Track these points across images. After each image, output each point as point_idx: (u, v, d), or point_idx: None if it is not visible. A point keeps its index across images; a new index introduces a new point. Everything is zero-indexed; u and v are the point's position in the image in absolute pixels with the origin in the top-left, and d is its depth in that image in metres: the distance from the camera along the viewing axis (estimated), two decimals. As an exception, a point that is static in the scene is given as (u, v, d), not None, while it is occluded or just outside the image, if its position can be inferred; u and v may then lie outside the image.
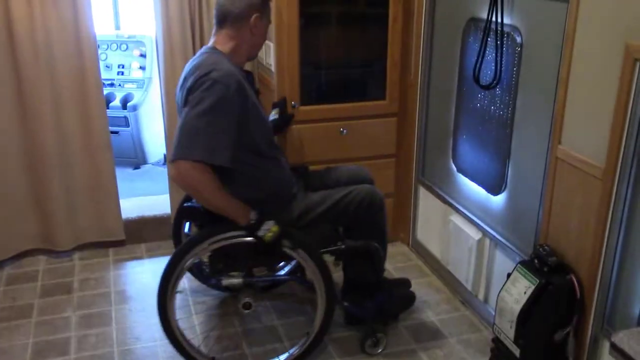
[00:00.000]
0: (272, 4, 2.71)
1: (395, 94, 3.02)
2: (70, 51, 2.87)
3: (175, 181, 2.07)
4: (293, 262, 2.55)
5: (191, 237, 2.25)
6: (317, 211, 2.32)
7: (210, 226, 2.20)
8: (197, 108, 2.02)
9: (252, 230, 2.10)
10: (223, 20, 2.21)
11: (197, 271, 2.75)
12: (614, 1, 1.73)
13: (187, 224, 2.69)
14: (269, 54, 2.91)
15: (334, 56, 3.00)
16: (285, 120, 2.86)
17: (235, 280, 2.27)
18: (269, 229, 2.10)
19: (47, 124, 2.92)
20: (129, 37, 4.27)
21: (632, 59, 1.67)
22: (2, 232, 3.01)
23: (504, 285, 2.11)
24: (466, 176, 2.67)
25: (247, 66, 2.89)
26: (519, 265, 2.10)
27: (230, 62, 2.16)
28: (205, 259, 2.39)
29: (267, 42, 2.90)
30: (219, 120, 2.02)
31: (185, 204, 2.49)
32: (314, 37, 2.88)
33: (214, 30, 2.25)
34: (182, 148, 2.00)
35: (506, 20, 2.23)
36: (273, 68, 2.86)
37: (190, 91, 2.07)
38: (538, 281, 1.98)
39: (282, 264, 2.65)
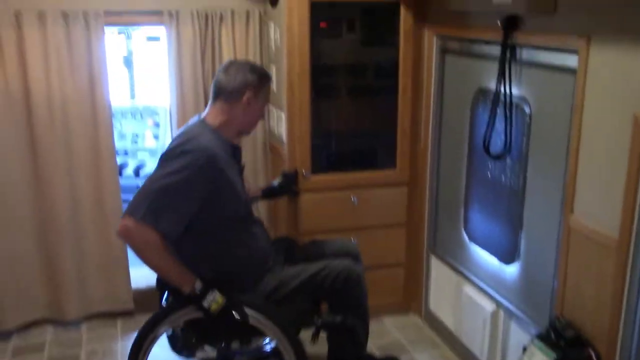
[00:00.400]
0: (283, 78, 2.78)
1: (405, 163, 3.04)
2: (85, 119, 2.94)
3: (118, 235, 2.09)
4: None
5: (156, 312, 2.22)
6: (292, 285, 2.30)
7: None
8: (159, 173, 2.09)
9: (196, 300, 2.08)
10: (217, 94, 2.27)
11: (173, 344, 2.65)
12: (621, 73, 1.76)
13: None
14: (280, 124, 2.95)
15: (344, 126, 3.04)
16: (289, 192, 2.88)
17: (210, 355, 2.22)
18: (214, 300, 2.08)
19: (59, 190, 2.96)
20: (143, 107, 4.36)
21: (642, 129, 1.68)
22: (10, 300, 3.00)
23: (520, 360, 2.06)
24: (478, 245, 2.65)
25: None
26: (535, 338, 2.04)
27: (218, 135, 2.21)
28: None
29: (278, 112, 2.95)
30: (177, 189, 2.06)
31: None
32: (324, 107, 2.93)
33: (209, 102, 2.30)
34: (131, 206, 2.06)
35: (515, 91, 2.26)
36: (284, 138, 2.90)
37: (162, 157, 2.13)
38: (555, 356, 1.92)
39: (267, 339, 2.48)
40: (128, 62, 4.23)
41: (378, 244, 3.09)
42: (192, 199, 2.09)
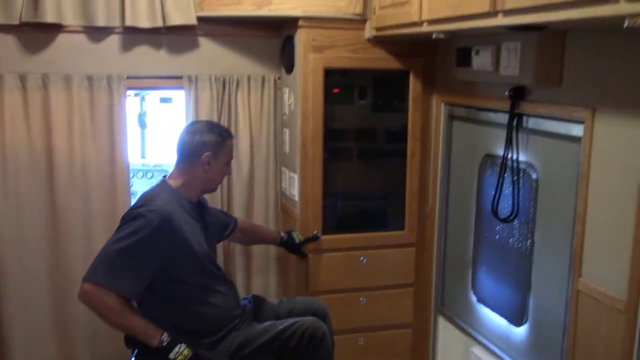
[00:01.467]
0: (297, 141, 2.89)
1: (413, 224, 3.12)
2: (104, 178, 3.01)
3: (79, 299, 2.17)
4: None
5: None
6: (257, 342, 2.36)
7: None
8: (115, 236, 2.18)
9: (163, 353, 2.14)
10: (179, 155, 2.40)
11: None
12: (625, 143, 1.85)
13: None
14: (292, 185, 3.05)
15: (355, 188, 3.13)
16: (295, 251, 2.95)
17: None
18: (180, 352, 2.14)
19: (76, 249, 3.00)
20: (154, 166, 4.45)
21: (646, 197, 1.77)
22: (21, 356, 3.00)
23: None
24: (487, 306, 2.70)
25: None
26: (546, 399, 2.08)
27: (178, 195, 2.31)
28: None
29: (290, 173, 3.05)
30: (133, 251, 2.15)
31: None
32: (336, 169, 3.03)
33: (175, 161, 2.42)
34: (89, 270, 2.15)
35: (522, 158, 2.36)
36: (296, 198, 2.99)
37: (121, 219, 2.24)
38: (567, 416, 1.95)
39: None
40: (141, 122, 4.35)
41: (386, 305, 3.13)
42: (149, 260, 2.18)
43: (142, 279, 2.19)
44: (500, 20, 1.87)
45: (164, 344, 2.15)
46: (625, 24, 1.42)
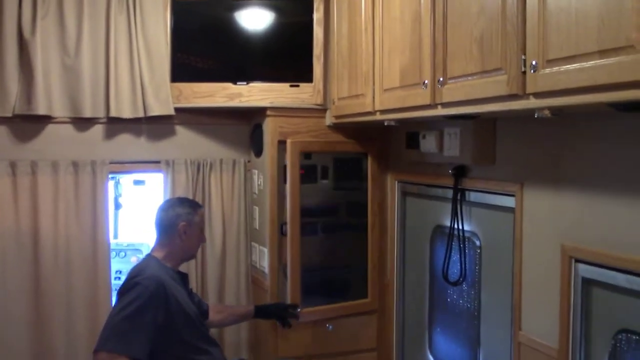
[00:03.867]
0: (266, 218, 3.16)
1: (375, 293, 3.37)
2: (86, 257, 3.19)
3: None
4: None
5: None
6: None
7: None
8: (118, 306, 2.41)
9: None
10: (157, 231, 2.70)
11: None
12: (549, 211, 2.17)
13: None
14: (263, 258, 3.30)
15: (321, 260, 3.38)
16: (283, 321, 3.11)
17: None
18: None
19: (58, 326, 3.12)
20: (127, 245, 4.65)
21: (568, 257, 2.07)
22: None
23: None
24: (443, 365, 2.95)
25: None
26: None
27: (163, 265, 2.59)
28: None
29: (260, 247, 3.31)
30: (136, 316, 2.37)
31: None
32: (303, 243, 3.26)
33: (155, 239, 2.70)
34: (101, 340, 2.36)
35: (466, 227, 2.67)
36: (267, 270, 3.23)
37: (119, 292, 2.48)
38: None
39: None
40: (117, 204, 4.58)
41: (351, 369, 3.34)
42: (152, 321, 2.39)
43: (149, 340, 2.38)
44: (440, 111, 2.23)
45: None
46: (536, 115, 1.78)
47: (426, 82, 2.26)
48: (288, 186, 3.14)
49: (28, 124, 3.11)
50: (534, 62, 1.70)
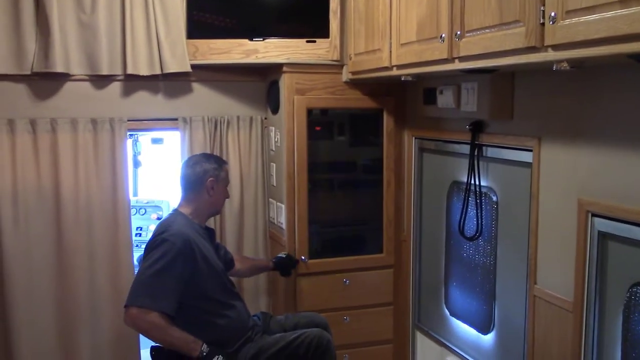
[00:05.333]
0: (283, 174, 3.19)
1: (391, 248, 3.41)
2: (106, 214, 3.26)
3: (126, 324, 2.45)
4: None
5: None
6: (270, 352, 2.64)
7: None
8: (146, 263, 2.46)
9: None
10: (184, 186, 2.71)
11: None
12: (566, 166, 2.16)
13: None
14: (280, 214, 3.34)
15: (337, 216, 3.44)
16: (285, 270, 3.20)
17: None
18: None
19: (80, 278, 3.23)
20: (147, 202, 4.71)
21: (585, 211, 2.08)
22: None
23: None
24: (458, 319, 2.98)
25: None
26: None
27: (190, 221, 2.62)
28: None
29: (278, 203, 3.34)
30: (165, 272, 2.43)
31: (152, 345, 2.65)
32: (319, 199, 3.33)
33: (181, 195, 2.72)
34: (131, 296, 2.43)
35: (483, 183, 2.68)
36: (284, 226, 3.27)
37: (146, 248, 2.52)
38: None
39: None
40: (135, 162, 4.62)
41: (368, 322, 3.40)
42: (179, 277, 2.45)
43: (177, 294, 2.45)
44: (457, 65, 2.21)
45: (204, 354, 2.41)
46: (554, 68, 1.76)
47: (443, 35, 2.24)
48: (295, 141, 3.16)
49: (46, 82, 3.14)
50: (552, 14, 1.67)
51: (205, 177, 2.67)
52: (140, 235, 4.66)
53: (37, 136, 3.12)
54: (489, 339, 2.74)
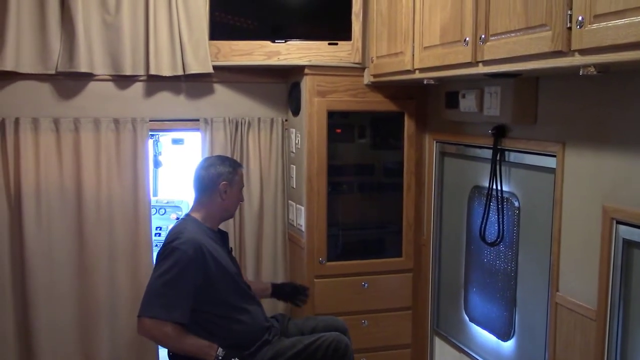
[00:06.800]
0: (303, 176, 3.18)
1: (410, 251, 3.39)
2: (127, 214, 3.28)
3: (140, 334, 2.45)
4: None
5: None
6: (287, 355, 2.62)
7: None
8: (157, 272, 2.46)
9: None
10: (197, 188, 2.69)
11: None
12: (591, 172, 2.14)
13: None
14: (299, 216, 3.33)
15: (356, 218, 3.44)
16: (295, 301, 3.10)
17: None
18: None
19: (100, 277, 3.25)
20: (167, 202, 4.74)
21: (609, 218, 2.05)
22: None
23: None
24: (478, 325, 2.95)
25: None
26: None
27: (202, 226, 2.60)
28: None
29: (297, 206, 3.34)
30: (177, 281, 2.42)
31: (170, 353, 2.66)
32: (339, 202, 3.33)
33: (194, 198, 2.71)
34: (143, 306, 2.42)
35: (505, 188, 2.65)
36: (303, 228, 3.27)
37: (157, 257, 2.52)
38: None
39: None
40: (156, 162, 4.65)
41: (386, 326, 3.38)
42: (191, 285, 2.45)
43: (190, 303, 2.45)
44: (481, 69, 2.19)
45: (220, 357, 2.42)
46: (581, 72, 1.74)
47: (467, 39, 2.22)
48: (315, 143, 3.17)
49: (70, 81, 3.18)
50: (580, 18, 1.65)
51: (219, 180, 2.65)
52: (159, 235, 4.69)
53: (60, 135, 3.16)
54: (509, 346, 2.71)
